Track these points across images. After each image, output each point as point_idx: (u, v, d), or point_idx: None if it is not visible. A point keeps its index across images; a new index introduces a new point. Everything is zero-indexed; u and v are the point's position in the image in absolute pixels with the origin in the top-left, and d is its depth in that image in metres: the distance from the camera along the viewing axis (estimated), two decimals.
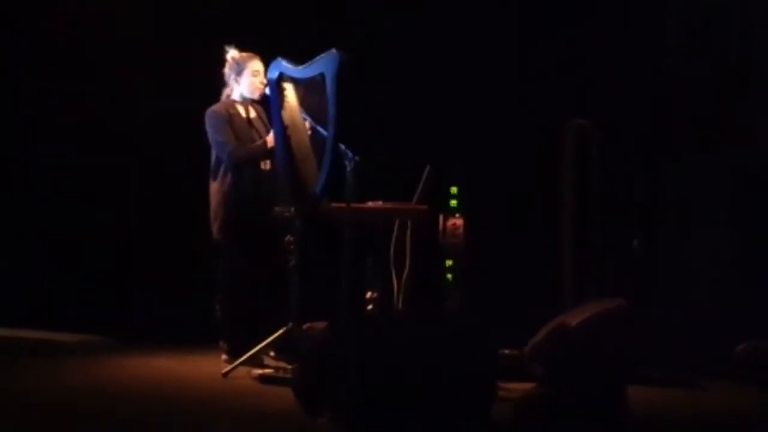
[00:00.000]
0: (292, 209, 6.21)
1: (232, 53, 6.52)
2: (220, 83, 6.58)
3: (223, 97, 6.59)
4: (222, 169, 6.44)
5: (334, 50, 6.01)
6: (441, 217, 6.58)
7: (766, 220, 7.36)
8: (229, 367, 6.26)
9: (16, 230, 8.07)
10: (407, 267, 6.41)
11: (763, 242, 7.33)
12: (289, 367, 6.05)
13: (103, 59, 7.87)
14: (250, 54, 6.53)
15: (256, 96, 6.53)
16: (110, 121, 7.89)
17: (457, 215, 6.57)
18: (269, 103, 6.39)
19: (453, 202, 6.57)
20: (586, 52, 7.55)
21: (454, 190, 6.57)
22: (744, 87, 7.58)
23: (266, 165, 6.47)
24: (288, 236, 6.28)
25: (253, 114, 6.59)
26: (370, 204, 6.29)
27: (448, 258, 6.58)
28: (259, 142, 6.45)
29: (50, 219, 8.01)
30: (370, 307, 6.20)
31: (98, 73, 7.87)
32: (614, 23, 7.57)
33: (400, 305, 6.38)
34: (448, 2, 7.67)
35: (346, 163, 5.99)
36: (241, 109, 6.56)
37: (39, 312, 7.69)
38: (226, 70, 6.55)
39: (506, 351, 6.15)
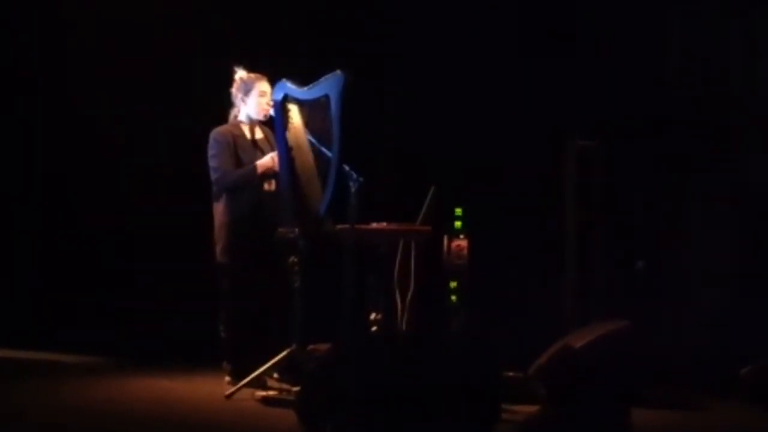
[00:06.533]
0: (296, 230, 6.19)
1: (240, 73, 6.50)
2: (227, 103, 6.56)
3: (231, 117, 6.57)
4: None
5: (338, 71, 6.01)
6: (445, 238, 6.56)
7: None
8: (232, 389, 6.24)
9: (17, 251, 8.06)
10: (411, 288, 6.40)
11: (766, 262, 7.32)
12: (293, 388, 6.04)
13: (106, 78, 7.90)
14: (258, 75, 6.50)
15: (262, 117, 6.50)
16: (112, 140, 7.90)
17: (461, 236, 6.55)
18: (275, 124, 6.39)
19: (457, 223, 6.55)
20: (588, 73, 7.55)
21: (458, 211, 6.56)
22: (745, 107, 7.58)
23: (270, 186, 6.45)
24: (292, 257, 6.27)
25: (259, 135, 6.56)
26: (374, 225, 6.28)
27: (453, 279, 6.55)
28: (248, 167, 6.40)
29: (51, 239, 8.00)
30: (374, 328, 6.18)
31: (100, 87, 7.88)
32: (616, 44, 7.57)
33: (405, 326, 6.36)
34: (451, 23, 7.67)
35: (350, 184, 5.97)
36: (246, 131, 6.53)
37: (40, 333, 7.68)
38: (234, 90, 6.52)
39: (510, 373, 6.14)
